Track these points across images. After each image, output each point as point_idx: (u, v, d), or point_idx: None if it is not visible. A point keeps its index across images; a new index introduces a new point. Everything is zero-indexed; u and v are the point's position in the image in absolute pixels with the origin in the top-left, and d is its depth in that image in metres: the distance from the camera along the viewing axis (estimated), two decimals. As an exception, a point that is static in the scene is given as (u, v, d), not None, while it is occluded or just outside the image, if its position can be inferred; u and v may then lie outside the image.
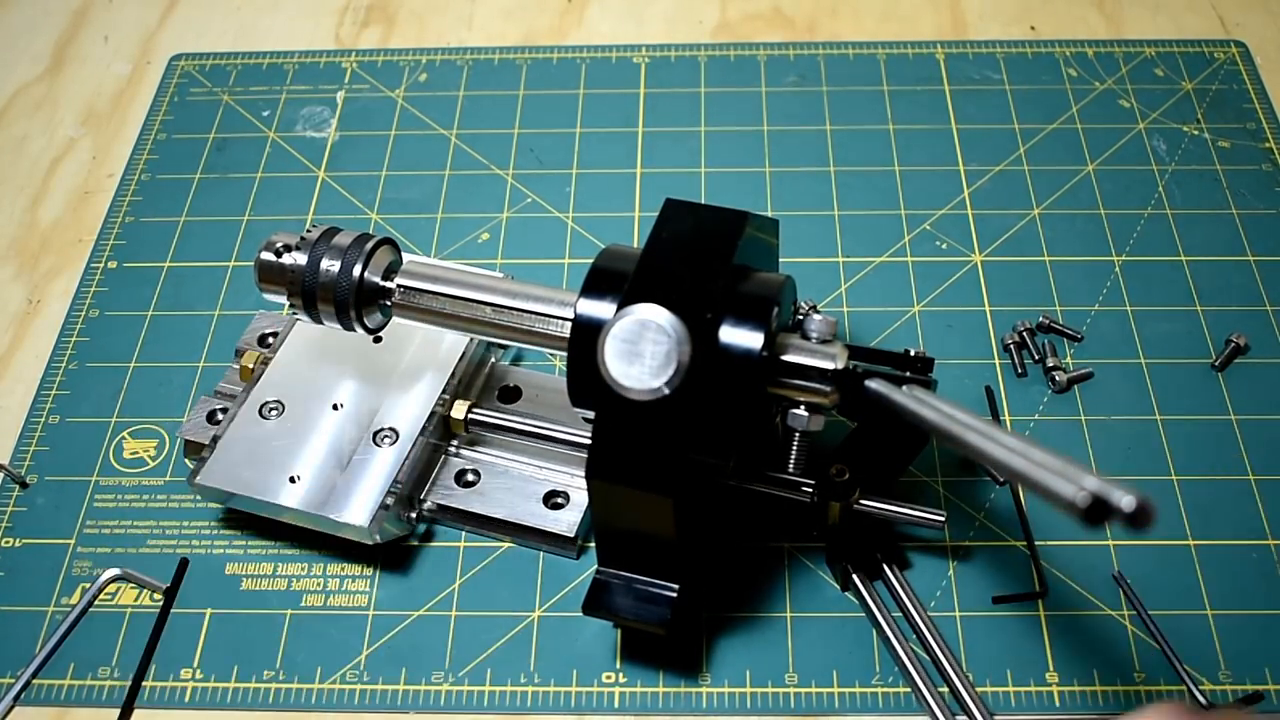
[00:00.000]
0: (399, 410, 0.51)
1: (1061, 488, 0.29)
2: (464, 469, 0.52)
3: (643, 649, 0.48)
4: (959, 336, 0.58)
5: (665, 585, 0.45)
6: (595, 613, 0.45)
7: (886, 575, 0.49)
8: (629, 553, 0.45)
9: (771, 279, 0.44)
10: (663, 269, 0.42)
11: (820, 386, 0.43)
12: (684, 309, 0.41)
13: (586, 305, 0.43)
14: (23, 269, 0.63)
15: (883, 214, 0.63)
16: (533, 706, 0.47)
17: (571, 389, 0.44)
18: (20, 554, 0.52)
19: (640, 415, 0.41)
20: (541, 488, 0.52)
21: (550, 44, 0.73)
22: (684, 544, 0.44)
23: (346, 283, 0.46)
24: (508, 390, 0.54)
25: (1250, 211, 0.62)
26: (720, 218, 0.44)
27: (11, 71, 0.74)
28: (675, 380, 0.40)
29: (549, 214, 0.64)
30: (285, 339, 0.54)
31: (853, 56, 0.71)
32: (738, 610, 0.49)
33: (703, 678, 0.48)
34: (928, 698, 0.46)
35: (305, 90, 0.71)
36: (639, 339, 0.40)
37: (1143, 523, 0.28)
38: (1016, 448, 0.33)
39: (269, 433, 0.51)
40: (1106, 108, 0.67)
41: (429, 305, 0.47)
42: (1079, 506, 0.29)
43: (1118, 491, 0.28)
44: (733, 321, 0.42)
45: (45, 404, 0.57)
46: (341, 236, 0.47)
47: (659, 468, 0.41)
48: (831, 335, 0.43)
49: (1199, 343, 0.57)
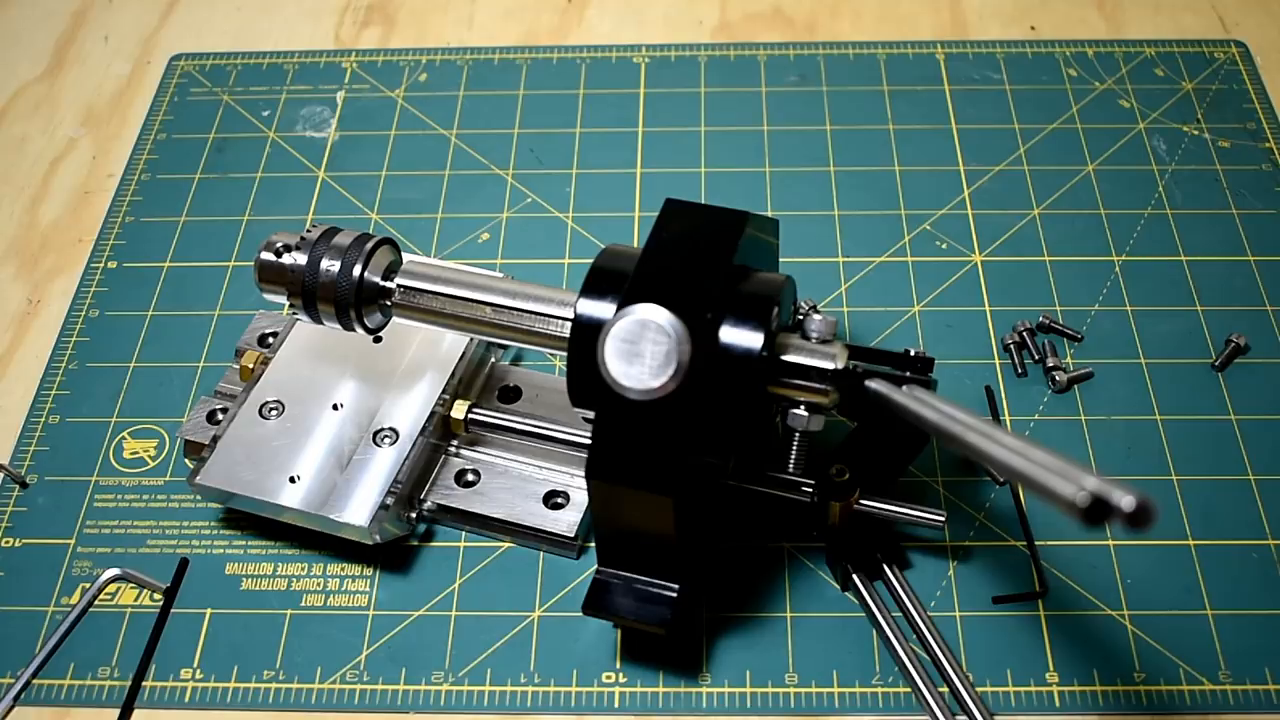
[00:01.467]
0: (399, 410, 0.51)
1: (1061, 488, 0.29)
2: (464, 469, 0.52)
3: (643, 649, 0.48)
4: (959, 336, 0.58)
5: (665, 585, 0.45)
6: (596, 613, 0.45)
7: (886, 575, 0.49)
8: (629, 553, 0.45)
9: (772, 279, 0.44)
10: (663, 269, 0.42)
11: (820, 386, 0.43)
12: (684, 309, 0.41)
13: (586, 305, 0.43)
14: (23, 269, 0.64)
15: (883, 214, 0.63)
16: (533, 706, 0.47)
17: (571, 389, 0.44)
18: (20, 554, 0.52)
19: (640, 415, 0.41)
20: (541, 488, 0.52)
21: (550, 44, 0.73)
22: (684, 544, 0.44)
23: (346, 283, 0.46)
24: (507, 390, 0.54)
25: (1250, 211, 0.62)
26: (720, 218, 0.44)
27: (11, 71, 0.74)
28: (675, 380, 0.40)
29: (549, 214, 0.64)
30: (285, 339, 0.54)
31: (853, 56, 0.71)
32: (738, 610, 0.49)
33: (703, 678, 0.48)
34: (928, 698, 0.46)
35: (305, 90, 0.71)
36: (639, 339, 0.40)
37: (1142, 522, 0.28)
38: (1016, 448, 0.33)
39: (269, 433, 0.51)
40: (1106, 108, 0.67)
41: (429, 305, 0.47)
42: (1079, 506, 0.29)
43: (1118, 491, 0.28)
44: (733, 321, 0.42)
45: (45, 404, 0.57)
46: (341, 236, 0.47)
47: (659, 468, 0.41)
48: (831, 335, 0.43)
49: (1199, 343, 0.57)
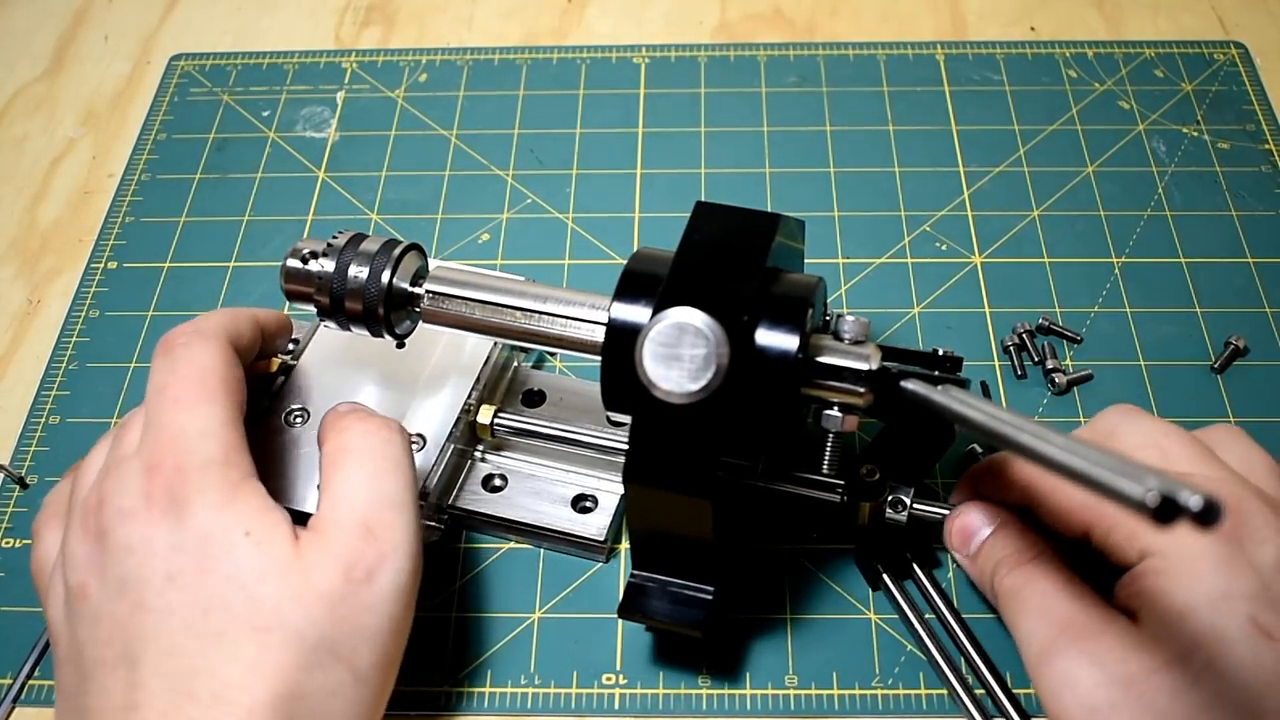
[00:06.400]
0: (425, 416, 0.51)
1: (1128, 487, 0.29)
2: (491, 474, 0.52)
3: (643, 650, 0.48)
4: (959, 338, 0.58)
5: (700, 588, 0.45)
6: (631, 616, 0.45)
7: (917, 575, 0.49)
8: (665, 556, 0.45)
9: (804, 280, 0.44)
10: (697, 272, 0.42)
11: (854, 388, 0.43)
12: (720, 312, 0.40)
13: (620, 309, 0.43)
14: (23, 269, 0.64)
15: (882, 215, 0.63)
16: (533, 708, 0.47)
17: (606, 393, 0.43)
18: (20, 554, 0.52)
19: (678, 418, 0.41)
20: (569, 491, 0.51)
21: (550, 44, 0.73)
22: (721, 546, 0.44)
23: (375, 289, 0.46)
24: (532, 394, 0.54)
25: (1250, 213, 0.62)
26: (751, 220, 0.44)
27: (11, 71, 0.74)
28: (714, 383, 0.40)
29: (549, 214, 0.64)
30: (308, 345, 0.53)
31: (853, 57, 0.71)
32: (738, 611, 0.49)
33: (702, 679, 0.48)
34: (964, 700, 0.46)
35: (305, 90, 0.71)
36: (677, 342, 0.40)
37: (1213, 520, 0.27)
38: (1071, 447, 0.32)
39: (295, 439, 0.50)
40: (1106, 109, 0.67)
41: (458, 311, 0.47)
42: (1149, 506, 0.28)
43: (1185, 490, 0.28)
44: (768, 324, 0.42)
45: (45, 404, 0.57)
46: (369, 243, 0.47)
47: (698, 471, 0.41)
48: (865, 336, 0.43)
49: (1198, 345, 0.57)
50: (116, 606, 0.39)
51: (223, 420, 0.41)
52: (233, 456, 0.41)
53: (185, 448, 0.40)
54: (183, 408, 0.41)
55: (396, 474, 0.43)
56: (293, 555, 0.39)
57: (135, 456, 0.41)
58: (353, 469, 0.42)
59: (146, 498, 0.40)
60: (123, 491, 0.40)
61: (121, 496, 0.40)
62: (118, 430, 0.44)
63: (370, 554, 0.40)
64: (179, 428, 0.41)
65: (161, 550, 0.39)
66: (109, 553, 0.40)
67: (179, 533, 0.39)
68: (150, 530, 0.39)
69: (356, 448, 0.43)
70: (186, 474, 0.40)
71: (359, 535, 0.41)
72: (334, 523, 0.41)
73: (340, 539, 0.40)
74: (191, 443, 0.40)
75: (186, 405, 0.41)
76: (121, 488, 0.40)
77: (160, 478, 0.40)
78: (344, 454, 0.43)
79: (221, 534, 0.39)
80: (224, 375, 0.43)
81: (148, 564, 0.39)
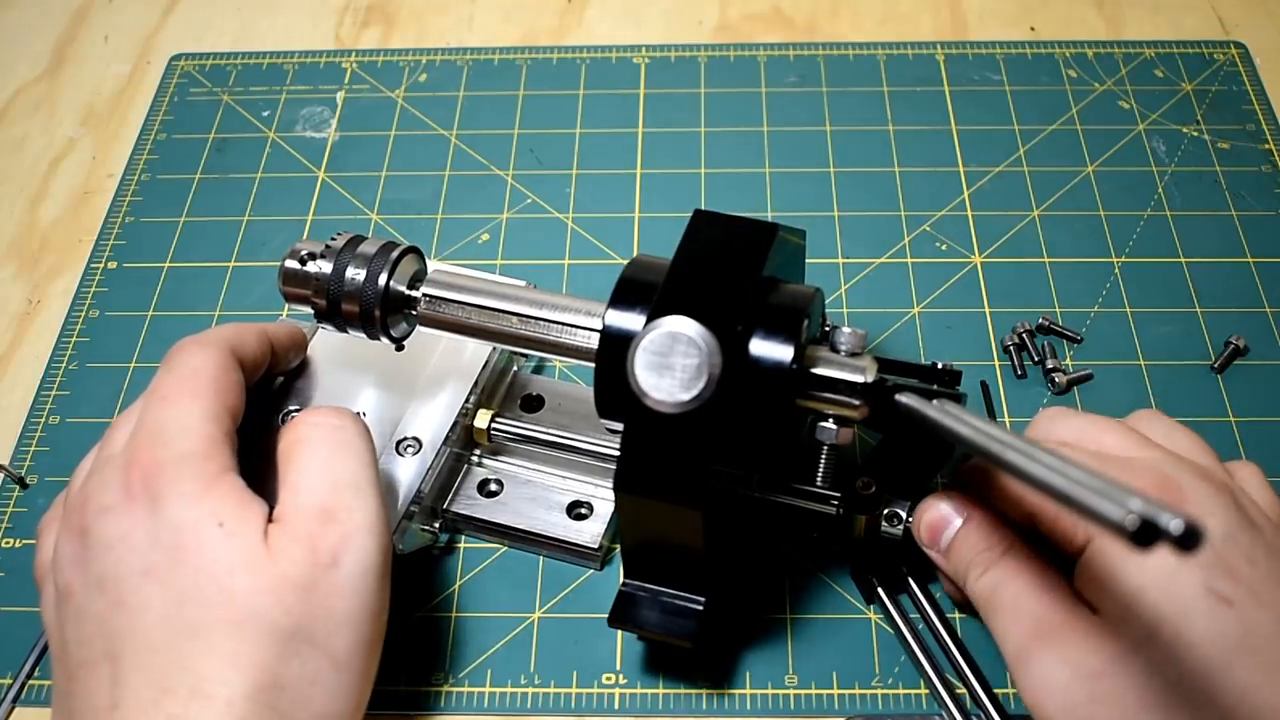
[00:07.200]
0: (422, 419, 0.50)
1: (1108, 509, 0.28)
2: (487, 479, 0.52)
3: (643, 651, 0.48)
4: (959, 338, 0.58)
5: (692, 598, 0.45)
6: (622, 625, 0.45)
7: (912, 589, 0.49)
8: (656, 565, 0.45)
9: (801, 291, 0.44)
10: (692, 280, 0.42)
11: (850, 400, 0.42)
12: (714, 321, 0.40)
13: (615, 316, 0.43)
14: (23, 269, 0.64)
15: (882, 215, 0.63)
16: (533, 708, 0.47)
17: (599, 400, 0.43)
18: (20, 554, 0.52)
19: (670, 428, 0.40)
20: (564, 498, 0.51)
21: (550, 44, 0.73)
22: (712, 556, 0.44)
23: (372, 292, 0.46)
24: (530, 399, 0.54)
25: (1250, 213, 0.62)
26: (749, 229, 0.44)
27: (11, 71, 0.74)
28: (706, 393, 0.40)
29: (549, 215, 0.64)
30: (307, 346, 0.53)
31: (852, 57, 0.71)
32: (737, 612, 0.49)
33: (702, 680, 0.48)
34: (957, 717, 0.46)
35: (305, 90, 0.71)
36: (670, 351, 0.40)
37: (1193, 545, 0.27)
38: (1056, 466, 0.32)
39: None
40: (1106, 109, 0.67)
41: (454, 315, 0.47)
42: (1127, 530, 0.28)
43: (1165, 514, 0.27)
44: (763, 334, 0.42)
45: (45, 404, 0.57)
46: (367, 245, 0.47)
47: (688, 480, 0.41)
48: (861, 348, 0.43)
49: (1198, 344, 0.57)
50: (98, 604, 0.39)
51: (204, 415, 0.41)
52: (212, 450, 0.41)
53: (164, 441, 0.40)
54: (168, 404, 0.41)
55: (350, 456, 0.43)
56: (263, 546, 0.39)
57: (120, 454, 0.41)
58: (307, 458, 0.42)
59: (125, 491, 0.40)
60: (104, 488, 0.40)
61: (103, 493, 0.40)
62: (108, 430, 0.44)
63: (332, 537, 0.40)
64: (161, 423, 0.41)
65: (138, 544, 0.39)
66: (90, 550, 0.40)
67: (154, 525, 0.39)
68: (128, 524, 0.39)
69: (308, 438, 0.43)
70: (162, 466, 0.40)
71: (319, 520, 0.40)
72: (294, 509, 0.41)
73: (302, 525, 0.40)
74: (170, 436, 0.40)
75: (171, 402, 0.41)
76: (103, 484, 0.40)
77: (138, 470, 0.40)
78: (297, 444, 0.43)
79: (193, 526, 0.39)
80: (215, 376, 0.43)
81: (125, 560, 0.39)
